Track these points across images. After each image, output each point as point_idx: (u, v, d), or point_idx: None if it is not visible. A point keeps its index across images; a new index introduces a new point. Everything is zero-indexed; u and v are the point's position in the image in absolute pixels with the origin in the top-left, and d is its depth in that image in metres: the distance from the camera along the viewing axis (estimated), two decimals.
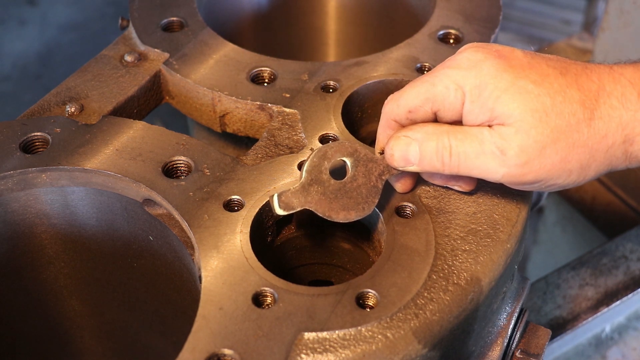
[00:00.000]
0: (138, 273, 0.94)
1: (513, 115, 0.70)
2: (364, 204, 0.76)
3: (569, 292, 1.20)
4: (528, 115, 0.70)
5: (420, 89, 0.74)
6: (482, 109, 0.72)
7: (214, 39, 1.01)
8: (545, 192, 1.12)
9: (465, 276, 0.73)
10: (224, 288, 0.71)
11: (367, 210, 0.76)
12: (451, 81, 0.73)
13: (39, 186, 0.85)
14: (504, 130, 0.71)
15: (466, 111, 0.73)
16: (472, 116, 0.73)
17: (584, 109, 0.71)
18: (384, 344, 0.68)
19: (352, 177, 0.76)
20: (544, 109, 0.70)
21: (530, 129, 0.70)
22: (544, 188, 0.74)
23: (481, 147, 0.72)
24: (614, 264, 1.24)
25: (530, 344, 0.85)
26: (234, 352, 0.66)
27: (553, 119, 0.70)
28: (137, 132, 0.88)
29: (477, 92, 0.72)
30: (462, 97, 0.72)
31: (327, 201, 0.74)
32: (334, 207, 0.75)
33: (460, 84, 0.72)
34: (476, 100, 0.72)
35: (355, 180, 0.76)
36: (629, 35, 1.43)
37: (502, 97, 0.71)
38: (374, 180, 0.76)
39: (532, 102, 0.70)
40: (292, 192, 0.73)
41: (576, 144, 0.71)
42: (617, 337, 1.25)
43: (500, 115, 0.71)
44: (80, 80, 0.96)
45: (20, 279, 0.94)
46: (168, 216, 0.82)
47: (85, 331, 1.05)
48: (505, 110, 0.70)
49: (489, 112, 0.71)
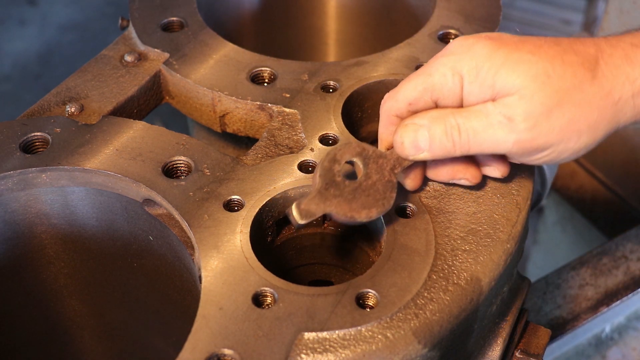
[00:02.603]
0: (138, 273, 0.94)
1: (515, 84, 0.70)
2: (383, 200, 0.75)
3: (569, 292, 1.20)
4: (529, 81, 0.70)
5: (417, 81, 0.75)
6: (482, 87, 0.72)
7: (214, 39, 1.01)
8: (548, 182, 1.11)
9: (465, 276, 0.73)
10: (224, 288, 0.71)
11: (387, 205, 0.76)
12: (447, 68, 0.73)
13: (39, 186, 0.85)
14: (507, 100, 0.71)
15: (466, 93, 0.73)
16: (473, 97, 0.73)
17: (584, 70, 0.71)
18: (384, 344, 0.68)
19: (365, 176, 0.75)
20: (544, 73, 0.70)
21: (534, 94, 0.70)
22: (556, 156, 0.74)
23: (488, 120, 0.72)
24: (614, 264, 1.24)
25: (530, 344, 0.85)
26: (234, 352, 0.66)
27: (555, 81, 0.70)
28: (137, 132, 0.88)
29: (474, 72, 0.72)
30: (460, 81, 0.73)
31: (346, 203, 0.74)
32: (355, 207, 0.74)
33: (456, 69, 0.73)
34: (474, 80, 0.72)
35: (370, 178, 0.75)
36: None
37: (501, 72, 0.71)
38: (388, 175, 0.76)
39: (531, 69, 0.71)
40: (309, 199, 0.72)
41: (582, 103, 0.71)
42: (617, 337, 1.25)
43: (501, 88, 0.71)
44: (80, 80, 0.96)
45: (20, 279, 0.94)
46: (168, 216, 0.82)
47: (85, 331, 1.05)
48: (506, 83, 0.71)
49: (489, 90, 0.72)
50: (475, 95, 0.73)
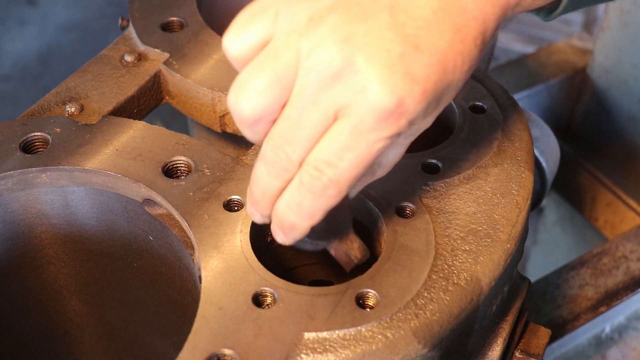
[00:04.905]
0: (138, 273, 0.94)
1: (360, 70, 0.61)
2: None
3: (569, 292, 1.20)
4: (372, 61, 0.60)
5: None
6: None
7: (214, 39, 1.01)
8: (549, 182, 1.10)
9: (465, 276, 0.73)
10: (224, 288, 0.71)
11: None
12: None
13: (39, 186, 0.85)
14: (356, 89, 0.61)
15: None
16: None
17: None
18: (384, 344, 0.68)
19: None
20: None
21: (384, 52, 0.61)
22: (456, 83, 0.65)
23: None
24: (614, 264, 1.24)
25: (530, 344, 0.85)
26: (234, 352, 0.66)
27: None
28: (137, 132, 0.88)
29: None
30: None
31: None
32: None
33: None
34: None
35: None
36: (629, 35, 1.43)
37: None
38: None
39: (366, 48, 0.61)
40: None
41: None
42: (617, 337, 1.25)
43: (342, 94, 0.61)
44: (80, 80, 0.96)
45: (20, 279, 0.94)
46: (168, 216, 0.82)
47: (85, 331, 1.05)
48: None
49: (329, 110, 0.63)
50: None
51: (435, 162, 0.83)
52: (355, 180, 0.64)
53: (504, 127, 0.87)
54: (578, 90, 1.60)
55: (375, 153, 0.62)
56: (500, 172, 0.82)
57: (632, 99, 1.47)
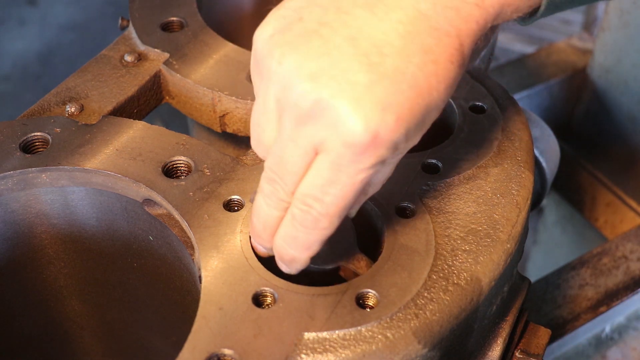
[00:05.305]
0: (138, 273, 0.94)
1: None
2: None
3: (569, 292, 1.20)
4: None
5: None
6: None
7: (214, 39, 1.01)
8: (549, 182, 1.10)
9: (465, 276, 0.73)
10: (224, 288, 0.71)
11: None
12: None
13: (39, 186, 0.85)
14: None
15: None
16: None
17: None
18: (384, 344, 0.68)
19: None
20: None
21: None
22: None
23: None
24: (614, 264, 1.24)
25: (530, 344, 0.85)
26: (234, 352, 0.66)
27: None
28: (137, 132, 0.88)
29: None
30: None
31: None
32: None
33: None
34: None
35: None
36: (629, 35, 1.43)
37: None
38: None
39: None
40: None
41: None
42: (617, 337, 1.25)
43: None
44: (80, 80, 0.96)
45: (20, 279, 0.94)
46: (168, 216, 0.82)
47: (85, 331, 1.05)
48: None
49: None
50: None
51: (435, 162, 0.83)
52: (346, 210, 0.65)
53: (504, 127, 0.87)
54: (578, 90, 1.60)
55: (359, 184, 0.63)
56: (500, 172, 0.82)
57: (632, 99, 1.47)
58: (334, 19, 0.62)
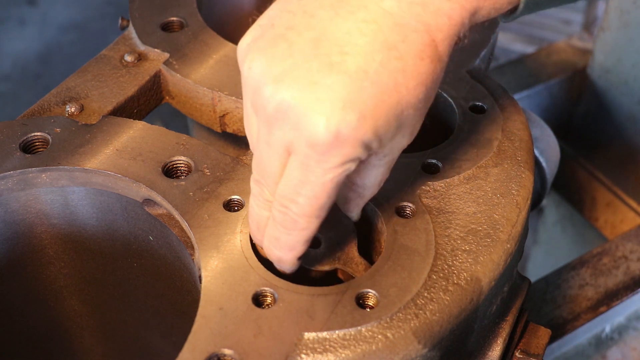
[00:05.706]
0: (138, 273, 0.94)
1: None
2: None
3: (569, 292, 1.20)
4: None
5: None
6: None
7: (214, 39, 1.01)
8: (549, 182, 1.10)
9: (465, 276, 0.73)
10: (224, 288, 0.71)
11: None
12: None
13: (39, 186, 0.85)
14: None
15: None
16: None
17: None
18: (384, 344, 0.68)
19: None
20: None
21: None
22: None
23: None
24: (614, 264, 1.24)
25: (530, 344, 0.85)
26: (234, 352, 0.66)
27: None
28: (137, 132, 0.88)
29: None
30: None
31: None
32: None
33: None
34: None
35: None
36: (629, 35, 1.43)
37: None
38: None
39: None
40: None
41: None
42: (617, 337, 1.25)
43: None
44: (80, 80, 0.96)
45: (20, 279, 0.94)
46: (168, 216, 0.82)
47: (85, 331, 1.05)
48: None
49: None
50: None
51: (435, 162, 0.83)
52: (323, 210, 0.65)
53: (504, 127, 0.87)
54: (578, 90, 1.60)
55: (329, 183, 0.63)
56: (500, 172, 0.82)
57: (632, 99, 1.47)
58: (300, 22, 0.62)
